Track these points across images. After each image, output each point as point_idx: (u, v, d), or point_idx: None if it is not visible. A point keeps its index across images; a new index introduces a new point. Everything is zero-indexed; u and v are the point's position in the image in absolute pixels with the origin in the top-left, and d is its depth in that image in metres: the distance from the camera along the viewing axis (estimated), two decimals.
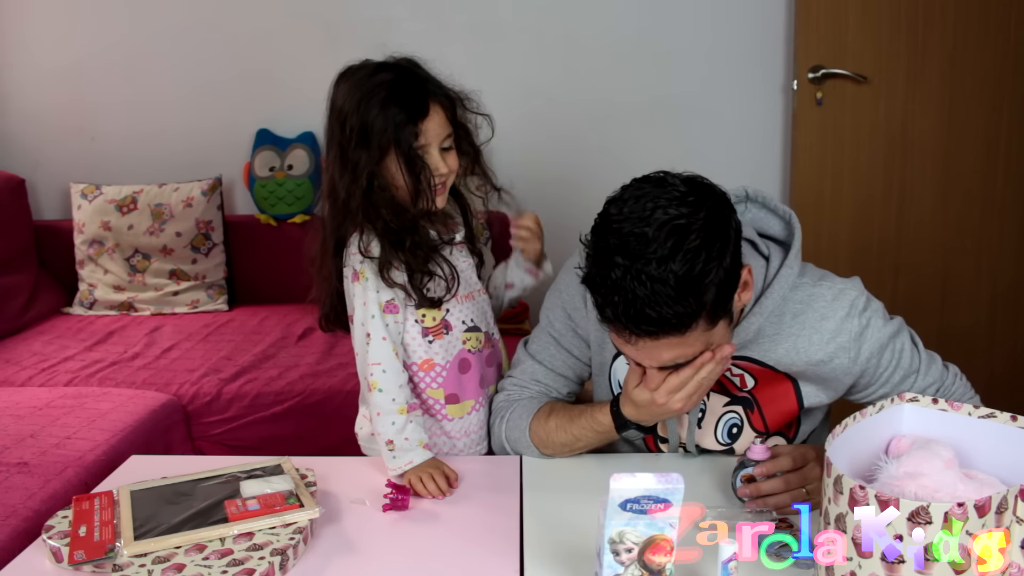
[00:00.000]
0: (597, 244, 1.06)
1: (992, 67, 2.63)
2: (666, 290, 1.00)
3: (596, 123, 2.89)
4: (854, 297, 1.23)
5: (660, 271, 1.00)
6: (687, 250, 1.00)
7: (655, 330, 1.04)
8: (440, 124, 1.33)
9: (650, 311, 1.01)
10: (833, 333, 1.21)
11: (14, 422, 1.96)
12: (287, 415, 2.19)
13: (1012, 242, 2.73)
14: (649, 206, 1.03)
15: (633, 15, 2.81)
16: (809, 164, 2.74)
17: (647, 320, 1.02)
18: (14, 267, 2.76)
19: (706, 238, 1.02)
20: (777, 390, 1.29)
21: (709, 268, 1.02)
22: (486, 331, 1.45)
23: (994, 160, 2.69)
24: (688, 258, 1.00)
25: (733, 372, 1.28)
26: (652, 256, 1.00)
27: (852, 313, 1.21)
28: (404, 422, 1.32)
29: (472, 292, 1.44)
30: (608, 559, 0.95)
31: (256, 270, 2.92)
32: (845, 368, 1.23)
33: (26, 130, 3.01)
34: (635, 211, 1.03)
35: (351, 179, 1.31)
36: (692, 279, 1.01)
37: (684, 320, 1.04)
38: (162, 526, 1.12)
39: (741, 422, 1.32)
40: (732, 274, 1.07)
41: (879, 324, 1.23)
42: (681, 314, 1.02)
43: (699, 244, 1.01)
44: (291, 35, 2.89)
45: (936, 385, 1.29)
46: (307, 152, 2.89)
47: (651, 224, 1.01)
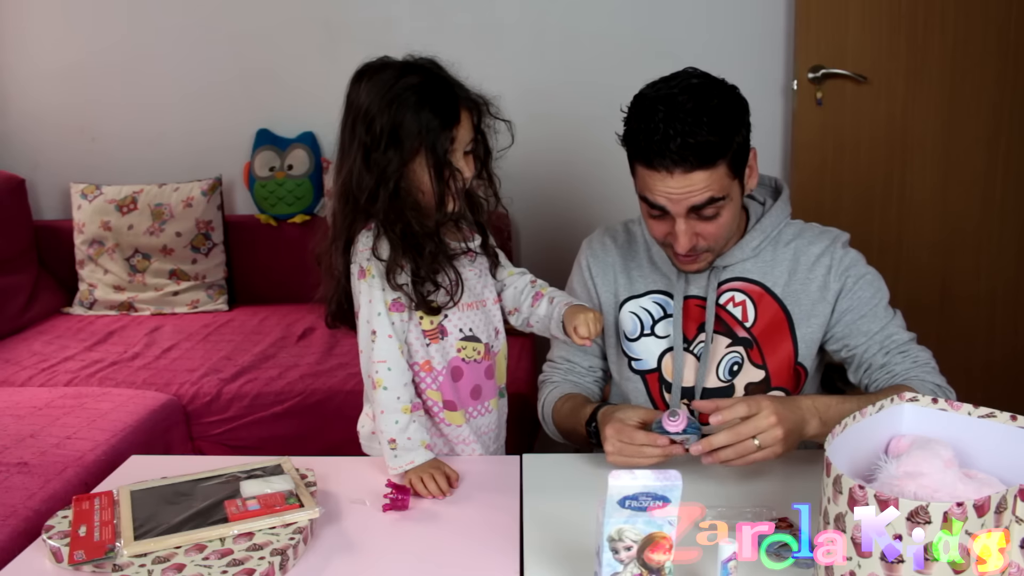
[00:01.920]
0: (635, 106, 1.30)
1: (992, 67, 2.63)
2: (701, 125, 1.22)
3: (596, 123, 2.88)
4: (838, 234, 1.43)
5: (695, 112, 1.23)
6: (713, 100, 1.25)
7: (690, 156, 1.23)
8: (468, 130, 1.33)
9: (690, 139, 1.22)
10: (818, 255, 1.40)
11: (14, 422, 1.96)
12: (287, 415, 2.19)
13: (1012, 242, 2.73)
14: (674, 82, 1.28)
15: (633, 15, 2.81)
16: (809, 164, 2.74)
17: (686, 147, 1.22)
18: (14, 267, 2.76)
19: (723, 100, 1.27)
20: (774, 326, 1.40)
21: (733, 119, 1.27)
22: (487, 343, 1.42)
23: (994, 160, 2.69)
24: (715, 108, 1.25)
25: (735, 301, 1.41)
26: (686, 102, 1.24)
27: (837, 244, 1.41)
28: (407, 421, 1.32)
29: (477, 302, 1.41)
30: (607, 557, 0.95)
31: (256, 270, 2.92)
32: (826, 284, 1.39)
33: (26, 130, 3.02)
34: (667, 83, 1.29)
35: (377, 180, 1.30)
36: (721, 121, 1.24)
37: (716, 149, 1.24)
38: (162, 526, 1.12)
39: (742, 360, 1.41)
40: (746, 142, 1.30)
41: (858, 258, 1.41)
42: (714, 143, 1.23)
43: (718, 103, 1.26)
44: (291, 35, 2.89)
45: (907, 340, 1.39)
46: (307, 152, 2.89)
47: (681, 85, 1.27)
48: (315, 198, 2.88)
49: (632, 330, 1.47)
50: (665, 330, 1.45)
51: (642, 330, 1.46)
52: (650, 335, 1.45)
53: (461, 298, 1.37)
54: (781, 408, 1.18)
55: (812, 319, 1.40)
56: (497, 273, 1.47)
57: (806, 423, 1.22)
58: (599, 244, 1.53)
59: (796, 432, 1.20)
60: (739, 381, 1.41)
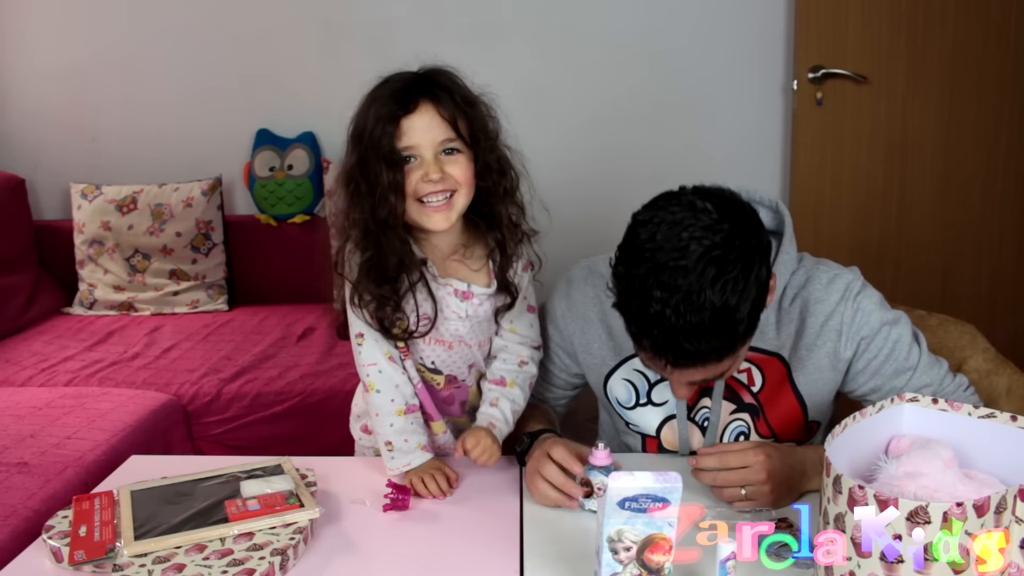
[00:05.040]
0: (631, 272, 1.05)
1: (992, 67, 2.64)
2: (704, 325, 1.01)
3: (596, 123, 2.89)
4: (849, 281, 1.24)
5: (698, 305, 1.00)
6: (726, 280, 1.00)
7: (693, 361, 1.06)
8: (434, 125, 1.20)
9: (688, 345, 1.03)
10: (827, 316, 1.23)
11: (14, 422, 1.96)
12: (287, 415, 2.19)
13: (1012, 242, 2.74)
14: (684, 236, 1.01)
15: (633, 15, 2.81)
16: (809, 164, 2.74)
17: (685, 353, 1.04)
18: (14, 267, 2.76)
19: (744, 266, 1.02)
20: (782, 388, 1.29)
21: (746, 296, 1.03)
22: (454, 375, 1.36)
23: (994, 160, 2.70)
24: (727, 289, 1.01)
25: (741, 366, 1.28)
26: (691, 290, 1.00)
27: (847, 297, 1.23)
28: (403, 424, 1.31)
29: (454, 341, 1.32)
30: (607, 558, 0.95)
31: (256, 270, 2.92)
32: (836, 352, 1.24)
33: (26, 130, 3.02)
34: (669, 240, 1.02)
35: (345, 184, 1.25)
36: (729, 311, 1.02)
37: (721, 352, 1.06)
38: (162, 526, 1.12)
39: (748, 429, 1.31)
40: (764, 288, 1.07)
41: (871, 308, 1.23)
42: (719, 347, 1.05)
43: (738, 273, 1.01)
44: (291, 35, 2.89)
45: (932, 387, 1.26)
46: (307, 152, 2.89)
47: (688, 256, 1.00)
48: (315, 198, 2.88)
49: (627, 399, 1.35)
50: (662, 396, 1.32)
51: (637, 399, 1.34)
52: (647, 403, 1.34)
53: (427, 333, 1.29)
54: (777, 464, 1.15)
55: (823, 387, 1.27)
56: (502, 321, 1.36)
57: (807, 480, 1.19)
58: (580, 296, 1.37)
59: (792, 489, 1.17)
60: None
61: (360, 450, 1.53)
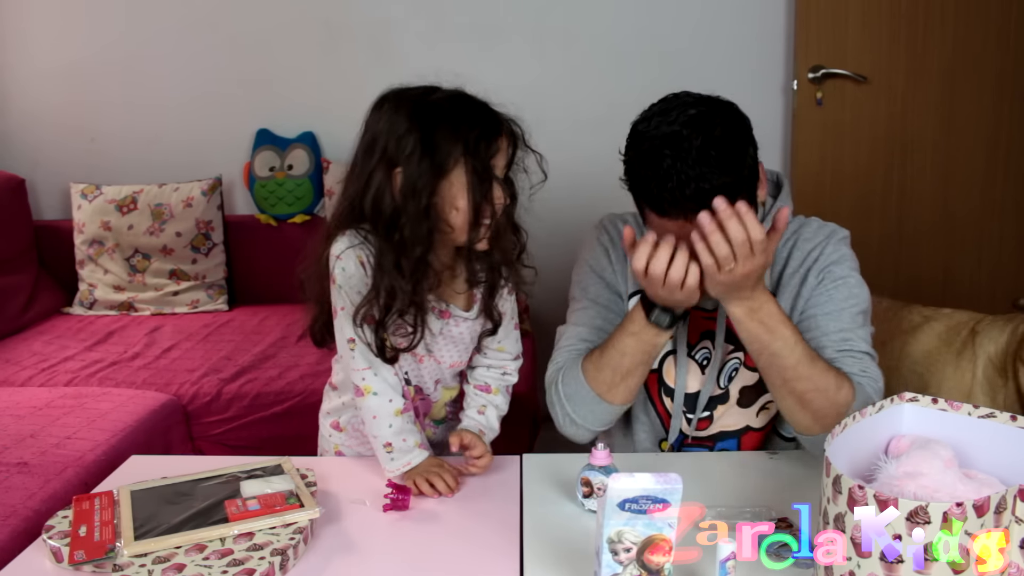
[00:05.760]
0: (639, 151, 1.20)
1: (992, 67, 2.64)
2: (711, 165, 1.14)
3: (596, 123, 2.89)
4: (834, 230, 1.36)
5: (703, 149, 1.14)
6: (716, 137, 1.15)
7: (706, 200, 1.13)
8: (505, 152, 1.25)
9: (704, 183, 1.14)
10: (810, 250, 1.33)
11: (14, 422, 1.96)
12: (287, 415, 2.19)
13: (1012, 241, 2.74)
14: (673, 114, 1.18)
15: (633, 15, 2.81)
16: (809, 164, 2.74)
17: (701, 192, 1.13)
18: (14, 267, 2.76)
19: (726, 126, 1.17)
20: None
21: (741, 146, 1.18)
22: (421, 387, 1.40)
23: (994, 160, 2.70)
24: (720, 139, 1.15)
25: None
26: (693, 141, 1.14)
27: (831, 240, 1.34)
28: (401, 424, 1.32)
29: (427, 356, 1.36)
30: (607, 559, 0.95)
31: (256, 270, 2.92)
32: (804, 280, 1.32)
33: (26, 130, 3.02)
34: (662, 120, 1.18)
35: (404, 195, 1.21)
36: (730, 154, 1.16)
37: (731, 188, 1.14)
38: (162, 526, 1.12)
39: (739, 365, 1.37)
40: (755, 161, 1.21)
41: (848, 262, 1.33)
42: (728, 184, 1.14)
43: (722, 132, 1.16)
44: (291, 35, 2.89)
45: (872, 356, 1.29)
46: (307, 152, 2.89)
47: (678, 123, 1.16)
48: (315, 198, 2.89)
49: None
50: None
51: None
52: None
53: (413, 348, 1.30)
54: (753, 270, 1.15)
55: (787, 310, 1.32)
56: (486, 341, 1.42)
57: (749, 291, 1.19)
58: (614, 229, 1.46)
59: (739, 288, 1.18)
60: (733, 387, 1.38)
61: (325, 445, 1.53)
